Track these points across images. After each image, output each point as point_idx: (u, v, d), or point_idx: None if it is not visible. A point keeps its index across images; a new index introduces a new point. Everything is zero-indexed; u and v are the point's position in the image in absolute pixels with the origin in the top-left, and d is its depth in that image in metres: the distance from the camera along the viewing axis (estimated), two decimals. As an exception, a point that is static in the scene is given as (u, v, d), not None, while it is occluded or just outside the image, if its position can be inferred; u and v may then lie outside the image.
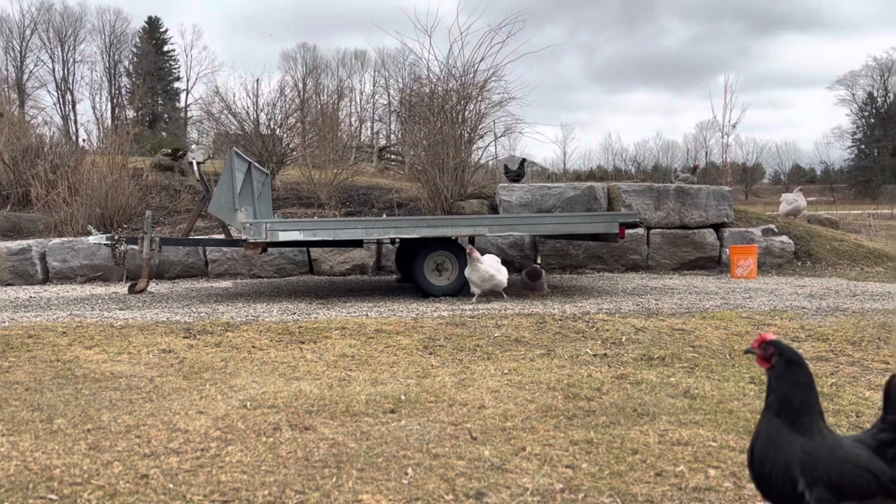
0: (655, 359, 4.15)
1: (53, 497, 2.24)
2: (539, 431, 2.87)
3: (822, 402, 3.22)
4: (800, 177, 51.19)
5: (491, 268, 6.47)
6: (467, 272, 6.54)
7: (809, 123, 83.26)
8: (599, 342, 4.60)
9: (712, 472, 2.43)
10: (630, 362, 4.08)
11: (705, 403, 3.24)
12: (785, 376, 1.78)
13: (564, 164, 45.65)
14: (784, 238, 10.06)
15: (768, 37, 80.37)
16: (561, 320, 5.25)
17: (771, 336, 1.84)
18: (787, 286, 7.69)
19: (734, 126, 23.76)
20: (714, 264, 9.83)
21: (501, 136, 12.36)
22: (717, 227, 9.97)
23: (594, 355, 4.25)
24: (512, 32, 10.44)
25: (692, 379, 3.69)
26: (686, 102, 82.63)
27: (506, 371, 3.88)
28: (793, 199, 12.48)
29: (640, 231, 9.62)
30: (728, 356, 4.22)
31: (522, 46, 15.90)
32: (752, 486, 2.29)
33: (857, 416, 3.06)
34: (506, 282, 6.55)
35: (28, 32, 46.68)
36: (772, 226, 10.32)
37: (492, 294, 6.59)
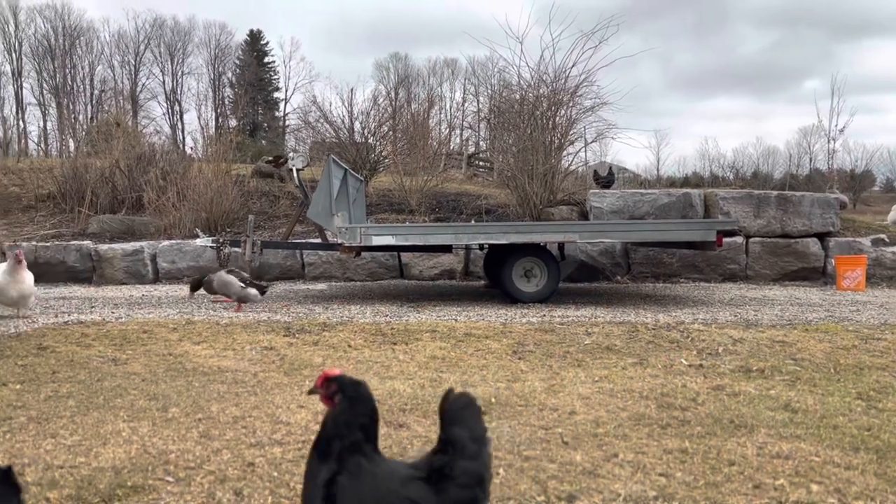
0: (754, 371, 4.02)
1: (170, 479, 2.42)
2: (632, 439, 2.84)
3: (938, 421, 3.05)
4: (916, 184, 47.67)
5: (10, 287, 5.54)
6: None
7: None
8: (695, 352, 4.50)
9: (815, 487, 2.35)
10: (727, 373, 3.97)
11: (807, 417, 3.12)
12: (345, 415, 1.64)
13: (658, 171, 44.48)
14: (896, 248, 9.47)
15: (851, 41, 74.93)
16: (654, 329, 5.16)
17: (335, 372, 1.69)
18: (899, 299, 7.25)
19: (842, 131, 22.53)
20: (818, 275, 9.37)
21: (592, 141, 12.24)
22: (822, 237, 9.50)
23: (689, 365, 4.15)
24: (605, 37, 10.36)
25: (793, 392, 3.55)
26: (771, 108, 78.11)
27: (597, 378, 3.86)
28: (902, 207, 11.80)
29: (739, 240, 9.29)
30: (833, 370, 4.04)
31: (614, 52, 15.77)
32: (858, 502, 2.21)
33: (978, 438, 2.87)
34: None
35: (142, 47, 49.76)
36: (882, 236, 9.74)
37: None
